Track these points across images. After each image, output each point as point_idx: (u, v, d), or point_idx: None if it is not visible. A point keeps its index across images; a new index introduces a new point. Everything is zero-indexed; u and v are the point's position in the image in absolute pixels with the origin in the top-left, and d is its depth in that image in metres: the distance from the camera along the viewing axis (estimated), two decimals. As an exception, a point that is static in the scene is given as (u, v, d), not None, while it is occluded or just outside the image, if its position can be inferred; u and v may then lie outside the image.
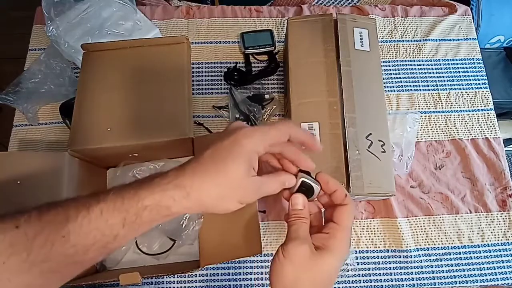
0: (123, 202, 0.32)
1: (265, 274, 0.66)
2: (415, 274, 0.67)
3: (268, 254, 0.67)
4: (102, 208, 0.32)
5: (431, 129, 0.78)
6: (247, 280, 0.66)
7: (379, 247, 0.68)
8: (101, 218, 0.32)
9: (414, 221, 0.70)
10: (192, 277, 0.66)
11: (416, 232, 0.70)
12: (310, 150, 0.39)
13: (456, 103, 0.80)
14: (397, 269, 0.67)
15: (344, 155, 0.59)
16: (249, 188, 0.35)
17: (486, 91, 0.81)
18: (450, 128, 0.78)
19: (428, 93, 0.81)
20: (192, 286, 0.65)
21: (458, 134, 0.77)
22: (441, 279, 0.67)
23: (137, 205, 0.32)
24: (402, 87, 0.81)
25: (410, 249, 0.68)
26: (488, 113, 0.79)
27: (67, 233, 0.31)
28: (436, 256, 0.68)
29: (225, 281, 0.65)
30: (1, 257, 0.30)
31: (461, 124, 0.78)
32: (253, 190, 0.36)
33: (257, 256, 0.67)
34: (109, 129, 0.58)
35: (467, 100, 0.80)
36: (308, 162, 0.39)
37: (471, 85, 0.82)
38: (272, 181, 0.38)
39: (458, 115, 0.79)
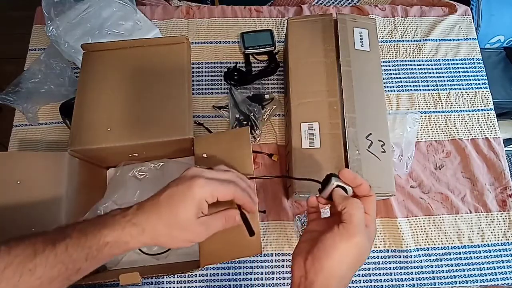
0: (87, 239, 0.36)
1: (265, 274, 0.66)
2: (415, 274, 0.67)
3: (268, 254, 0.67)
4: (68, 243, 0.36)
5: (431, 129, 0.78)
6: (247, 280, 0.66)
7: (379, 247, 0.68)
8: (66, 253, 0.36)
9: (414, 221, 0.70)
10: (192, 277, 0.66)
11: (416, 232, 0.70)
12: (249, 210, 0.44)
13: (456, 103, 0.80)
14: (397, 269, 0.67)
15: (344, 155, 0.59)
16: (197, 230, 0.40)
17: (486, 91, 0.81)
18: (450, 128, 0.78)
19: (428, 93, 0.81)
20: (192, 286, 0.65)
21: (458, 134, 0.77)
22: (441, 279, 0.67)
23: (99, 242, 0.37)
24: (402, 87, 0.81)
25: (410, 249, 0.68)
26: (488, 113, 0.80)
27: (33, 266, 0.35)
28: (436, 256, 0.68)
29: (225, 281, 0.65)
30: None
31: (461, 124, 0.78)
32: (200, 231, 0.40)
33: (257, 256, 0.67)
34: (109, 129, 0.58)
35: (467, 100, 0.80)
36: (254, 209, 0.44)
37: (471, 85, 0.82)
38: (217, 219, 0.42)
39: (458, 115, 0.79)
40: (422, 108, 0.79)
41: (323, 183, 0.43)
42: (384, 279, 0.66)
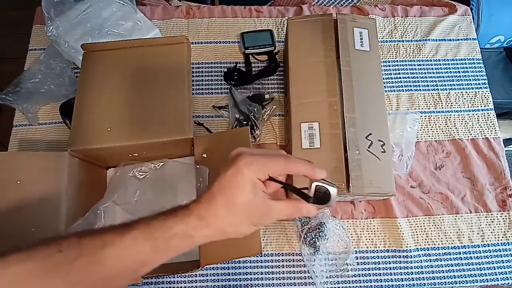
0: (153, 230, 0.36)
1: (265, 274, 0.66)
2: (415, 274, 0.67)
3: (268, 254, 0.67)
4: (135, 234, 0.36)
5: (431, 129, 0.78)
6: (247, 280, 0.66)
7: (379, 247, 0.68)
8: (133, 244, 0.36)
9: (414, 221, 0.70)
10: (192, 277, 0.66)
11: (416, 232, 0.70)
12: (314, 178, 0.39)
13: (456, 103, 0.80)
14: (397, 269, 0.67)
15: (344, 155, 0.59)
16: (258, 211, 0.37)
17: (486, 91, 0.81)
18: (450, 128, 0.78)
19: (428, 93, 0.81)
20: (192, 286, 0.65)
21: (458, 134, 0.77)
22: (441, 279, 0.67)
23: (166, 234, 0.36)
24: (402, 87, 0.81)
25: (410, 249, 0.68)
26: (488, 113, 0.79)
27: (103, 257, 0.35)
28: (436, 256, 0.68)
29: (225, 281, 0.65)
30: (47, 277, 0.34)
31: (461, 124, 0.78)
32: (262, 214, 0.38)
33: (257, 256, 0.67)
34: (109, 129, 0.58)
35: (467, 100, 0.80)
36: (318, 173, 0.39)
37: (471, 85, 0.82)
38: (284, 207, 0.39)
39: (458, 115, 0.79)
40: (422, 108, 0.79)
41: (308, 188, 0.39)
42: (384, 279, 0.66)
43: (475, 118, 0.79)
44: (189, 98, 0.61)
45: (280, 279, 0.66)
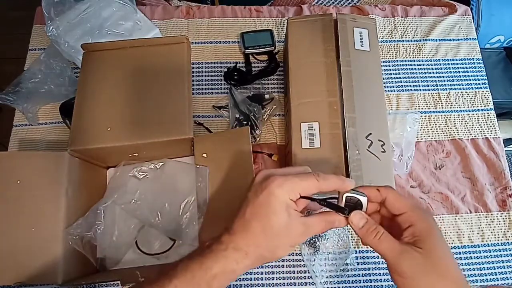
0: (193, 276, 0.35)
1: (265, 274, 0.66)
2: (415, 274, 0.67)
3: (268, 254, 0.67)
4: (176, 285, 0.35)
5: (431, 129, 0.78)
6: (247, 280, 0.66)
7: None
8: None
9: (414, 221, 0.70)
10: (192, 277, 0.66)
11: (416, 232, 0.69)
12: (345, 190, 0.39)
13: (456, 103, 0.80)
14: (397, 269, 0.67)
15: (344, 155, 0.59)
16: (295, 232, 0.37)
17: (486, 91, 0.81)
18: (450, 128, 0.78)
19: (428, 93, 0.81)
20: (192, 286, 0.65)
21: (458, 134, 0.77)
22: (441, 279, 0.67)
23: (206, 276, 0.35)
24: (402, 87, 0.81)
25: (410, 249, 0.68)
26: (488, 113, 0.80)
27: None
28: (436, 256, 0.68)
29: (225, 281, 0.65)
30: None
31: (461, 124, 0.78)
32: (299, 234, 0.37)
33: (257, 256, 0.67)
34: (109, 129, 0.58)
35: (467, 100, 0.80)
36: (347, 183, 0.39)
37: (471, 85, 0.82)
38: (318, 222, 0.38)
39: (458, 115, 0.79)
40: (422, 108, 0.79)
41: (337, 198, 0.39)
42: (384, 279, 0.66)
43: (475, 118, 0.79)
44: (189, 98, 0.61)
45: (280, 279, 0.66)
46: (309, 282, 0.66)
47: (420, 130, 0.77)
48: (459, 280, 0.34)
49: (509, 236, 0.70)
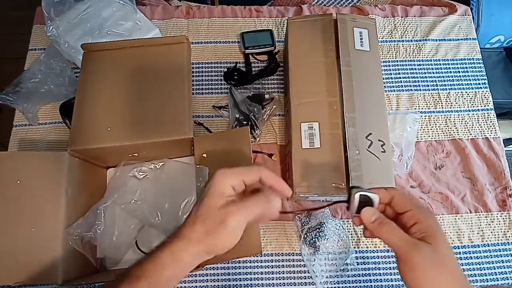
0: (149, 275, 0.37)
1: (265, 274, 0.66)
2: (415, 274, 0.67)
3: (268, 254, 0.67)
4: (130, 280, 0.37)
5: (431, 129, 0.78)
6: (247, 280, 0.66)
7: (379, 247, 0.68)
8: None
9: (414, 221, 0.70)
10: (192, 277, 0.66)
11: (416, 232, 0.69)
12: (281, 195, 0.40)
13: (456, 103, 0.80)
14: (397, 269, 0.67)
15: (344, 155, 0.59)
16: (212, 218, 0.37)
17: (486, 91, 0.81)
18: (450, 128, 0.78)
19: (428, 93, 0.81)
20: (192, 286, 0.65)
21: (458, 134, 0.77)
22: (441, 279, 0.67)
23: (162, 276, 0.37)
24: (402, 87, 0.81)
25: (410, 249, 0.68)
26: (488, 113, 0.79)
27: None
28: (436, 256, 0.68)
29: (225, 281, 0.65)
30: None
31: (461, 124, 0.78)
32: (217, 221, 0.37)
33: (257, 256, 0.67)
34: (109, 129, 0.58)
35: (467, 100, 0.80)
36: (286, 190, 0.40)
37: (471, 85, 0.82)
38: (253, 204, 0.38)
39: (458, 115, 0.79)
40: (422, 108, 0.79)
41: (348, 199, 0.41)
42: (384, 279, 0.66)
43: (475, 118, 0.79)
44: (189, 98, 0.61)
45: (280, 279, 0.66)
46: (309, 282, 0.66)
47: (420, 130, 0.77)
48: (462, 276, 0.37)
49: (509, 236, 0.70)
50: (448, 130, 0.78)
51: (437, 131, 0.78)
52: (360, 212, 0.39)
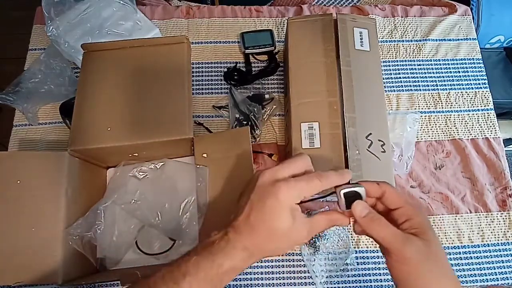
0: (206, 273, 0.37)
1: (265, 274, 0.66)
2: (415, 274, 0.67)
3: (268, 254, 0.67)
4: (191, 281, 0.36)
5: (431, 129, 0.78)
6: (247, 280, 0.66)
7: (379, 247, 0.68)
8: None
9: (414, 221, 0.70)
10: (192, 277, 0.65)
11: (416, 232, 0.69)
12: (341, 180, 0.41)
13: (456, 103, 0.80)
14: (397, 269, 0.67)
15: (344, 155, 0.59)
16: (299, 233, 0.39)
17: (486, 91, 0.81)
18: (450, 128, 0.78)
19: (428, 93, 0.81)
20: (192, 286, 0.65)
21: (458, 134, 0.77)
22: (441, 279, 0.67)
23: (218, 273, 0.37)
24: (402, 87, 0.81)
25: (410, 249, 0.68)
26: (488, 113, 0.79)
27: None
28: (436, 256, 0.68)
29: (225, 281, 0.65)
30: None
31: (461, 124, 0.78)
32: (304, 234, 0.39)
33: (257, 256, 0.67)
34: (109, 129, 0.58)
35: (467, 100, 0.80)
36: (346, 176, 0.40)
37: (471, 85, 0.82)
38: (321, 221, 0.40)
39: (458, 115, 0.79)
40: (422, 108, 0.79)
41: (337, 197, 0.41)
42: (384, 279, 0.66)
43: (475, 118, 0.79)
44: (189, 98, 0.61)
45: (280, 279, 0.66)
46: (309, 282, 0.66)
47: (420, 130, 0.77)
48: (454, 274, 0.37)
49: (509, 236, 0.70)
50: (448, 130, 0.78)
51: (437, 131, 0.78)
52: (349, 207, 0.39)
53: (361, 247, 0.68)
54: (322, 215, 0.40)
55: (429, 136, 0.77)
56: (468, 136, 0.77)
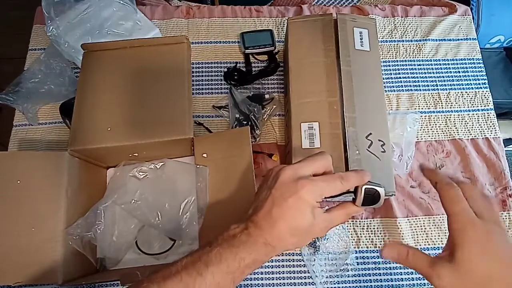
0: (228, 264, 0.37)
1: (265, 274, 0.66)
2: (415, 274, 0.66)
3: (268, 254, 0.67)
4: (213, 272, 0.37)
5: (431, 129, 0.78)
6: (247, 280, 0.65)
7: (379, 247, 0.68)
8: (214, 281, 0.37)
9: (414, 221, 0.70)
10: (192, 277, 0.65)
11: (416, 232, 0.70)
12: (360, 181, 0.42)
13: (456, 103, 0.80)
14: (397, 269, 0.67)
15: (344, 155, 0.59)
16: (319, 228, 0.40)
17: (486, 91, 0.81)
18: (450, 128, 0.78)
19: (428, 93, 0.81)
20: (192, 286, 0.65)
21: (458, 134, 0.77)
22: (441, 279, 0.67)
23: (240, 266, 0.38)
24: (402, 87, 0.81)
25: (410, 249, 0.68)
26: (488, 113, 0.79)
27: None
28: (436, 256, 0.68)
29: (225, 281, 0.65)
30: None
31: (461, 124, 0.78)
32: (322, 228, 0.40)
33: (257, 256, 0.67)
34: (109, 129, 0.58)
35: (467, 100, 0.80)
36: (366, 177, 0.41)
37: (471, 85, 0.82)
38: (340, 216, 0.42)
39: (458, 115, 0.79)
40: (422, 108, 0.79)
41: (354, 192, 0.42)
42: (384, 279, 0.66)
43: (475, 118, 0.79)
44: (189, 98, 0.61)
45: (280, 279, 0.66)
46: (309, 282, 0.66)
47: (420, 130, 0.77)
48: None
49: (509, 236, 0.70)
50: (448, 130, 0.78)
51: (437, 131, 0.78)
52: (365, 204, 0.40)
53: (361, 247, 0.68)
54: (340, 210, 0.42)
55: (429, 136, 0.77)
56: (468, 136, 0.77)
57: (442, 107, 0.80)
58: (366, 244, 0.68)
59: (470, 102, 0.80)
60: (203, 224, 0.57)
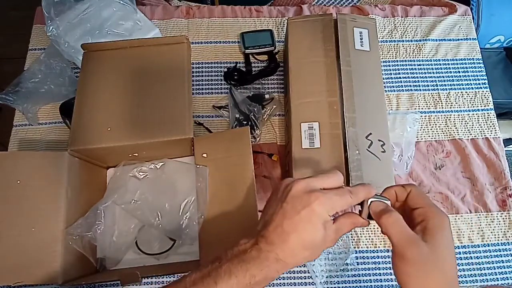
0: (238, 281, 0.37)
1: (265, 274, 0.66)
2: (415, 274, 0.67)
3: (268, 254, 0.67)
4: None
5: (431, 129, 0.78)
6: (247, 280, 0.65)
7: (379, 247, 0.68)
8: None
9: (414, 221, 0.70)
10: (192, 277, 0.65)
11: (416, 232, 0.69)
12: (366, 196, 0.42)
13: (456, 103, 0.80)
14: (397, 269, 0.67)
15: (344, 155, 0.59)
16: (330, 239, 0.40)
17: (486, 91, 0.81)
18: (450, 128, 0.78)
19: (428, 93, 0.81)
20: (192, 286, 0.65)
21: (458, 134, 0.77)
22: (441, 279, 0.67)
23: (250, 283, 0.37)
24: (402, 87, 0.81)
25: (410, 249, 0.68)
26: (488, 113, 0.79)
27: None
28: (436, 256, 0.68)
29: (225, 281, 0.65)
30: None
31: (461, 124, 0.78)
32: (332, 239, 0.40)
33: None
34: (109, 128, 0.58)
35: (467, 100, 0.80)
36: (373, 191, 0.42)
37: (471, 85, 0.82)
38: (346, 225, 0.41)
39: (458, 115, 0.79)
40: (422, 108, 0.79)
41: (361, 204, 0.42)
42: (384, 279, 0.66)
43: (475, 118, 0.79)
44: (189, 98, 0.61)
45: (280, 279, 0.66)
46: (309, 282, 0.66)
47: (420, 130, 0.77)
48: (453, 280, 0.37)
49: (509, 236, 0.70)
50: (448, 130, 0.78)
51: (437, 131, 0.78)
52: (371, 218, 0.41)
53: (361, 247, 0.68)
54: (346, 219, 0.41)
55: (429, 136, 0.77)
56: (468, 136, 0.77)
57: (442, 107, 0.80)
58: (366, 244, 0.68)
59: (470, 102, 0.80)
60: (203, 224, 0.57)
